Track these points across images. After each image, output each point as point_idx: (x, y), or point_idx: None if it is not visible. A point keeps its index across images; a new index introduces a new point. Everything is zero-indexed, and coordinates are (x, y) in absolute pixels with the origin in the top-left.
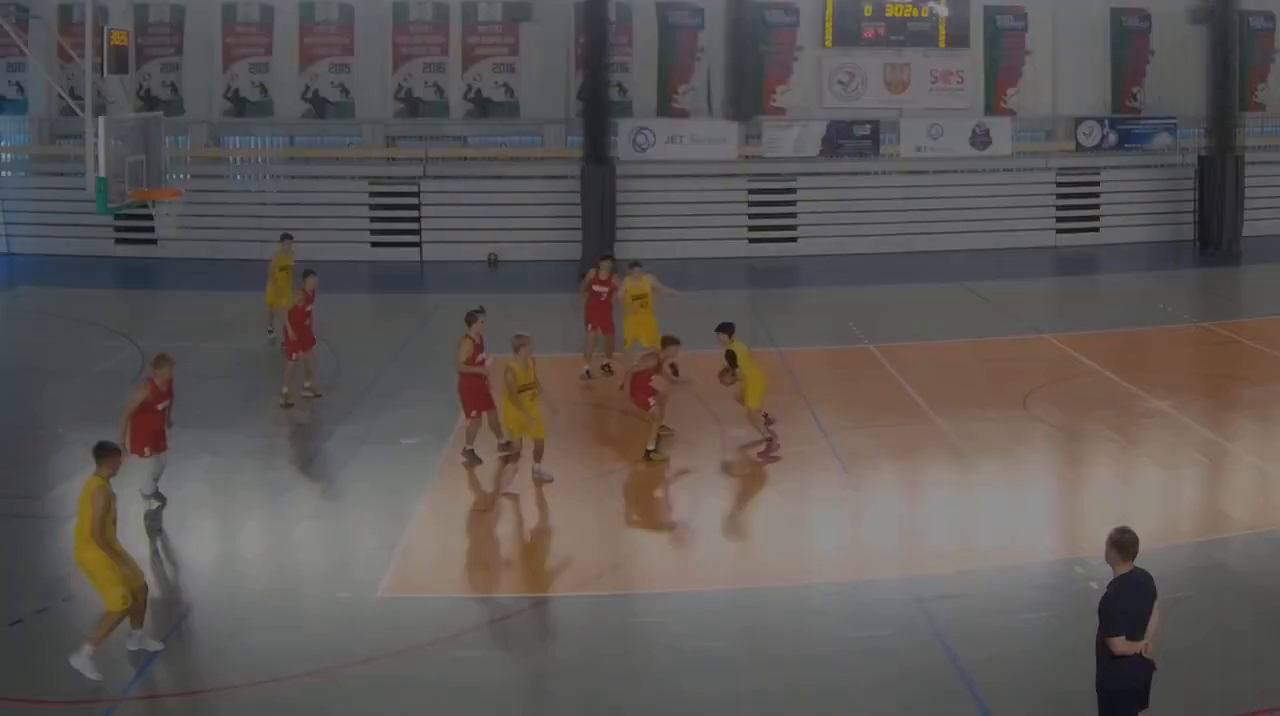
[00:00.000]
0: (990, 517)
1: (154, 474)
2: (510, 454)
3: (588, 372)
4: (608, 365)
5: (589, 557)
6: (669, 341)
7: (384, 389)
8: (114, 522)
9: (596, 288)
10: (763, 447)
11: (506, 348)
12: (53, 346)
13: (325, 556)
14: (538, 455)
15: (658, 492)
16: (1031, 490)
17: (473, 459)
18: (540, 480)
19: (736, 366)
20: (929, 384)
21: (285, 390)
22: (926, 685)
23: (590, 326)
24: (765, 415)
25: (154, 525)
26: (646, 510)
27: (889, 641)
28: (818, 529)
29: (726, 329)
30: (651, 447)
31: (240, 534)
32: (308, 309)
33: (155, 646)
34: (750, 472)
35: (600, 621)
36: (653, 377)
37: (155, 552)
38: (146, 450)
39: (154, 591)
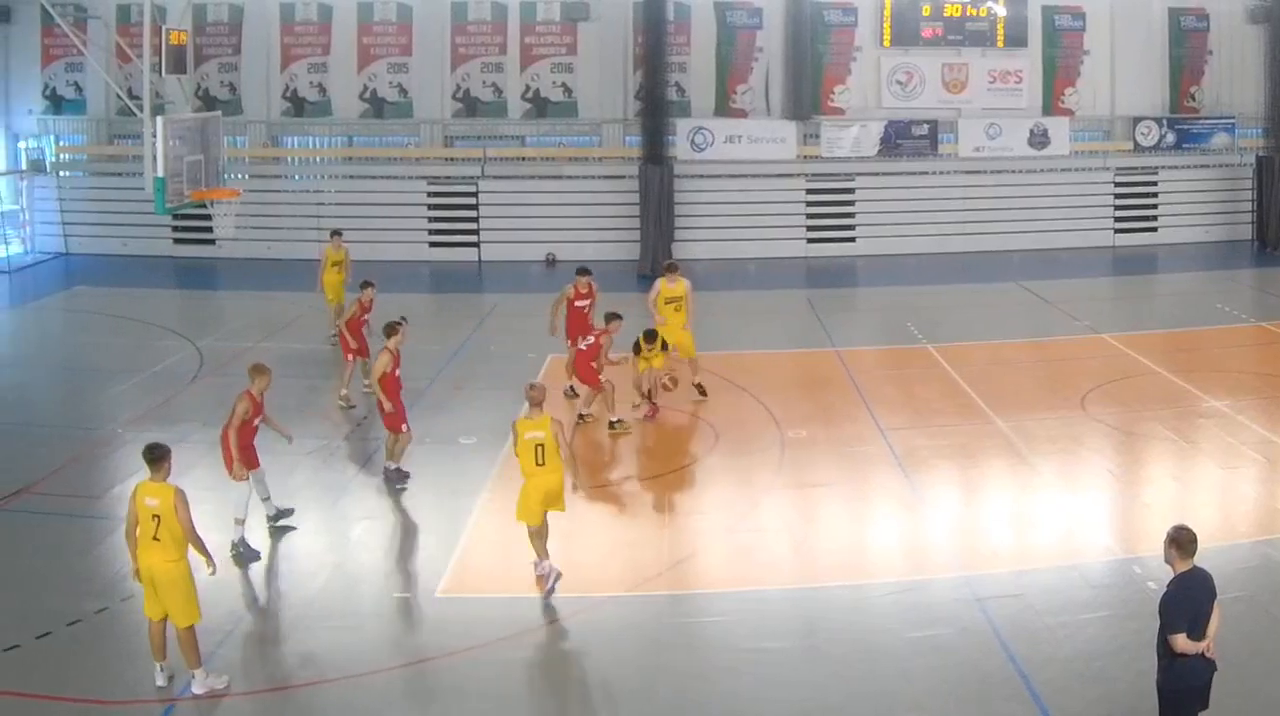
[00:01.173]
0: (1048, 517)
1: (261, 494)
2: None
3: (571, 388)
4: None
5: (647, 558)
6: (612, 317)
7: (442, 388)
8: None
9: (578, 302)
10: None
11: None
12: (111, 346)
13: (384, 556)
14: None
15: (715, 493)
16: (1089, 490)
17: (400, 477)
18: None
19: (666, 347)
20: (987, 383)
21: (344, 392)
22: (985, 684)
23: (571, 341)
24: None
25: (247, 554)
26: (704, 510)
27: (947, 640)
28: (876, 528)
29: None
30: (615, 419)
31: (298, 533)
32: (364, 319)
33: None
34: (808, 472)
35: (658, 621)
36: (594, 358)
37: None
38: (248, 473)
39: (212, 591)
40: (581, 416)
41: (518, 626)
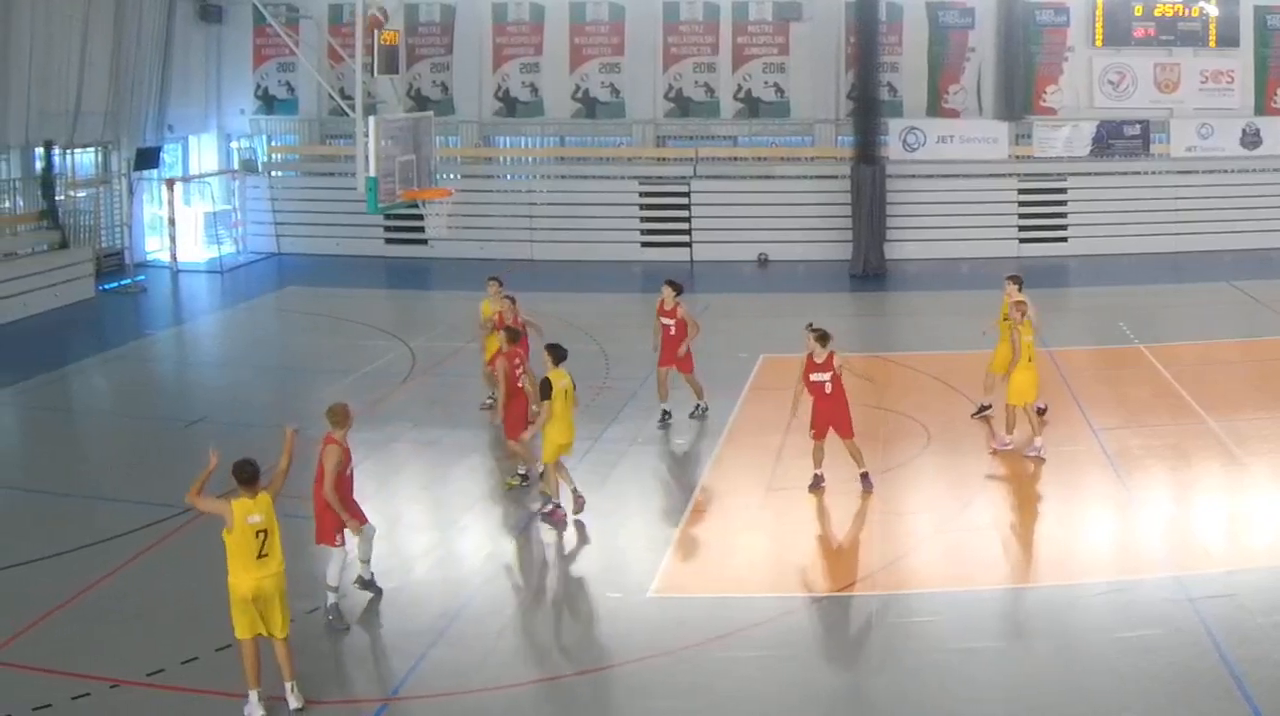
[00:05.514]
0: (1261, 517)
1: (363, 555)
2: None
3: (665, 413)
4: (699, 405)
5: (859, 558)
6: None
7: (653, 389)
8: None
9: (663, 319)
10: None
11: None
12: (322, 346)
13: (595, 556)
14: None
15: (926, 493)
16: None
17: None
18: None
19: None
20: (1199, 383)
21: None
22: (1197, 684)
23: (661, 361)
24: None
25: (337, 624)
26: (915, 510)
27: (1159, 640)
28: (1088, 527)
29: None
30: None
31: (510, 533)
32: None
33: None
34: (1017, 472)
35: (870, 622)
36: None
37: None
38: (338, 537)
39: (424, 591)
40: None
41: (729, 626)
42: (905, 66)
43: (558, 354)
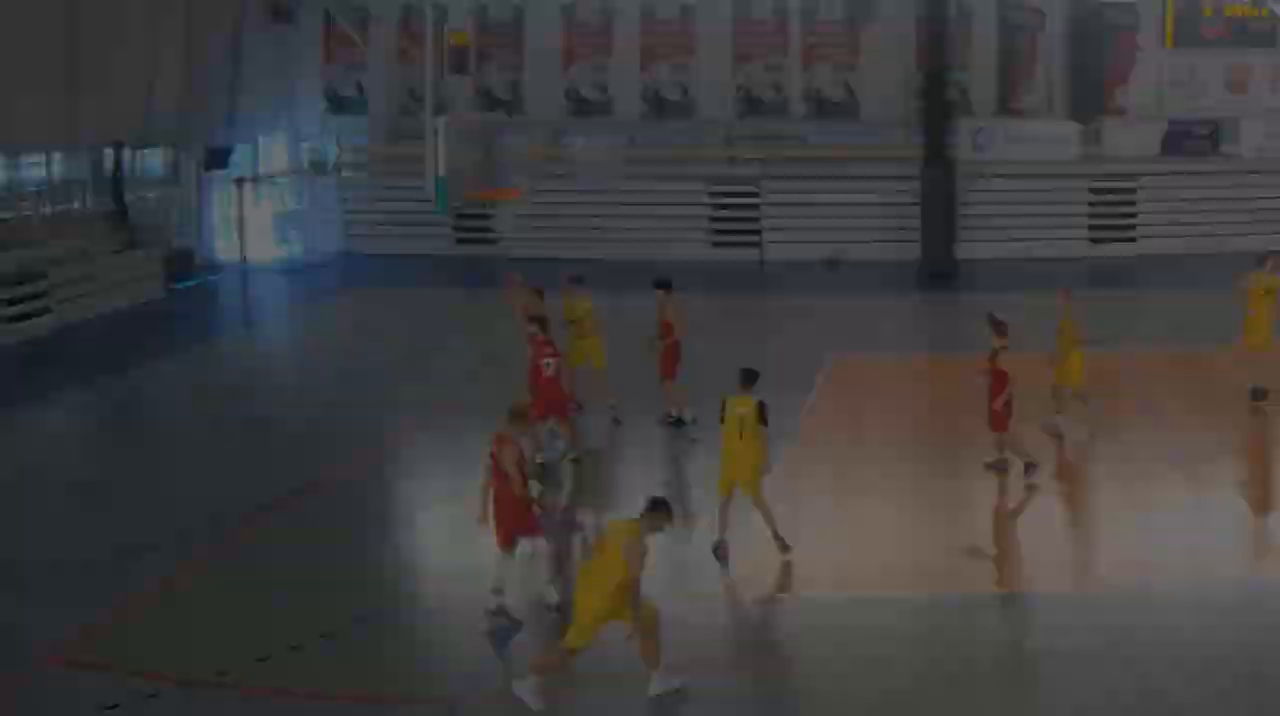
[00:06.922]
0: None
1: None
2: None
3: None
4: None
5: (932, 558)
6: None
7: (715, 389)
8: None
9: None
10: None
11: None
12: (392, 346)
13: (662, 557)
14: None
15: (1001, 494)
16: None
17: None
18: None
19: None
20: (1273, 386)
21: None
22: (1270, 689)
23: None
24: None
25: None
26: (989, 512)
27: (1231, 643)
28: (1160, 530)
29: None
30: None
31: (579, 533)
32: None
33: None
34: (1090, 473)
35: (945, 622)
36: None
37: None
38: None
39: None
40: None
41: (801, 627)
42: (975, 66)
43: (744, 378)
